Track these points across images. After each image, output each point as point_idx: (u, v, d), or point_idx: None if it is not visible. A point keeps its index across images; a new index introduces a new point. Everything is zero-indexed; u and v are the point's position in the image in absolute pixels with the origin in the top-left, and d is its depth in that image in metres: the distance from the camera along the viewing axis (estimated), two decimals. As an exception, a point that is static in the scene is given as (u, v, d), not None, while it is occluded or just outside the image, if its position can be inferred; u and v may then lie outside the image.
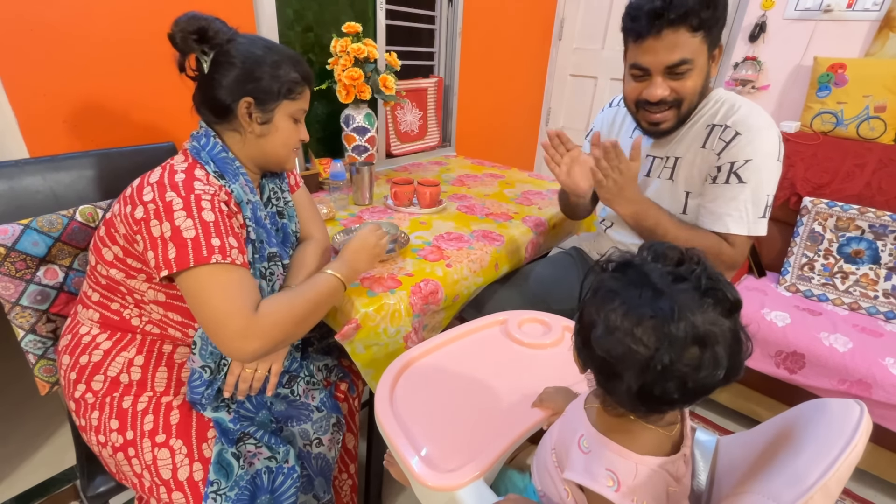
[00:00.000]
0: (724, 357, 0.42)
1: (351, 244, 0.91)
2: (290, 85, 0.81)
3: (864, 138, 1.70)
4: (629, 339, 0.44)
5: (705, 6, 0.84)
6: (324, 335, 1.08)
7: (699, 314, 0.42)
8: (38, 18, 1.04)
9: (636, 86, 0.96)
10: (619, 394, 0.46)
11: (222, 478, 0.74)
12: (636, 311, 0.44)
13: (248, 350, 0.70)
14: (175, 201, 0.70)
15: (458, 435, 0.64)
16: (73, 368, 0.80)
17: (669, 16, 0.84)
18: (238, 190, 0.78)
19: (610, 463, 0.48)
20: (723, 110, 0.97)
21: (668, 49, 0.88)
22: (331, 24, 1.64)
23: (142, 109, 1.25)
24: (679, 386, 0.43)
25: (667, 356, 0.42)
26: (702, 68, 0.91)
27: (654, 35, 0.87)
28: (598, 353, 0.46)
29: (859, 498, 1.35)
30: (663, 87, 0.92)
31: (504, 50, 2.39)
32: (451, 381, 0.74)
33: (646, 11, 0.86)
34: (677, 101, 0.94)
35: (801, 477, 0.43)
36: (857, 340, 1.32)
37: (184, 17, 0.74)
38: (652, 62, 0.90)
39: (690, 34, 0.86)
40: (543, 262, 1.31)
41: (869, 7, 1.80)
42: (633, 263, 0.48)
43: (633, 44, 0.92)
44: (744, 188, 0.93)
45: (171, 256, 0.68)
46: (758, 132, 0.92)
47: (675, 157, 1.04)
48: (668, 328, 0.42)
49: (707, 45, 0.89)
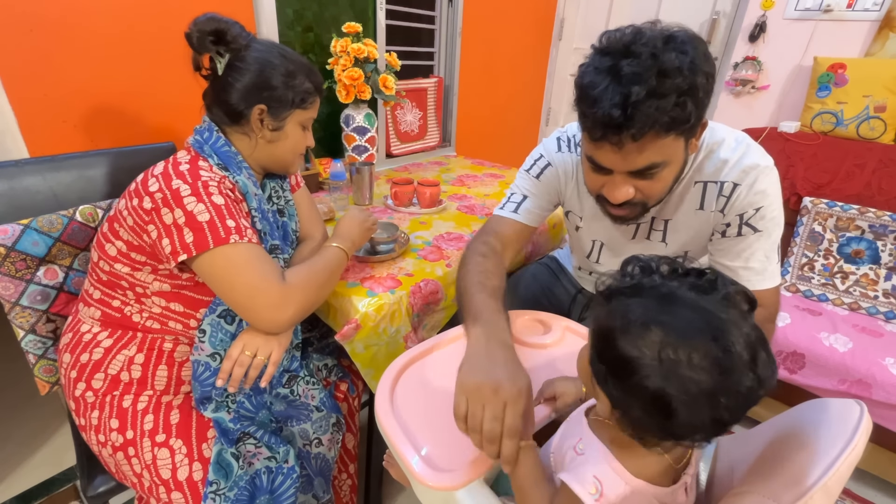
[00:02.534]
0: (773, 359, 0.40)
1: (342, 222, 0.95)
2: (304, 95, 0.83)
3: (864, 138, 1.70)
4: (688, 370, 0.39)
5: (679, 108, 0.62)
6: (324, 335, 1.08)
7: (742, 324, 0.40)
8: (38, 18, 1.04)
9: (596, 178, 0.76)
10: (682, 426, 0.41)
11: (221, 478, 0.74)
12: (686, 338, 0.40)
13: (284, 318, 0.74)
14: (182, 188, 0.71)
15: (458, 435, 0.64)
16: (73, 367, 0.80)
17: (630, 131, 0.63)
18: (242, 181, 0.80)
19: (600, 472, 0.47)
20: (708, 162, 0.82)
21: (632, 157, 0.68)
22: (331, 24, 1.64)
23: (142, 109, 1.25)
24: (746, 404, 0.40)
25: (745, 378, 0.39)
26: (677, 163, 0.73)
27: (612, 144, 0.67)
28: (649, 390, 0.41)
29: (859, 498, 1.35)
30: (627, 187, 0.73)
31: (504, 50, 2.39)
32: (452, 380, 0.74)
33: (600, 121, 0.64)
34: (643, 202, 0.77)
35: (801, 477, 0.43)
36: (857, 340, 1.32)
37: (203, 17, 0.76)
38: (612, 164, 0.71)
39: (661, 136, 0.65)
40: (528, 276, 1.20)
41: (869, 7, 1.80)
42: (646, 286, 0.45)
43: (587, 137, 0.71)
44: (759, 237, 0.80)
45: (189, 241, 0.69)
46: (756, 175, 0.78)
47: (663, 220, 0.90)
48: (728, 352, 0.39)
49: (684, 138, 0.70)
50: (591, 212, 0.95)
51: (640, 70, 0.61)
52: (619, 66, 0.62)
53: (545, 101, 2.87)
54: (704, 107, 0.67)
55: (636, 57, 0.62)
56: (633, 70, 0.61)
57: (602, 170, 0.74)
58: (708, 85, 0.65)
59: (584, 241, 1.03)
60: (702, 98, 0.65)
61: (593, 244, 1.02)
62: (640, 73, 0.61)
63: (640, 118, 0.62)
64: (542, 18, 2.58)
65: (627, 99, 0.61)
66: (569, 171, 0.95)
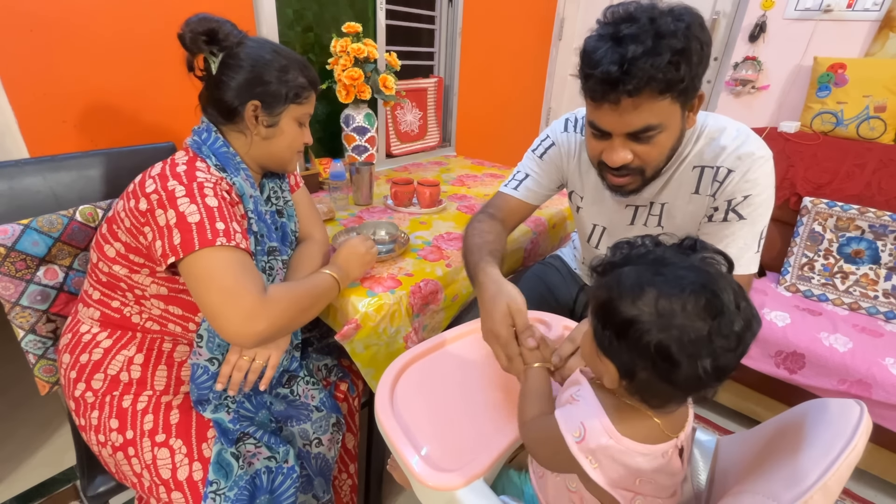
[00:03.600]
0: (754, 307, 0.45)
1: (341, 252, 0.93)
2: (298, 90, 0.82)
3: (864, 138, 1.70)
4: (685, 319, 0.43)
5: (674, 67, 0.66)
6: (324, 335, 1.08)
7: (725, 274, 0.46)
8: (38, 18, 1.04)
9: (596, 144, 0.81)
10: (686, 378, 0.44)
11: (221, 478, 0.74)
12: (679, 289, 0.43)
13: (254, 331, 0.69)
14: (178, 189, 0.70)
15: (458, 435, 0.64)
16: (73, 367, 0.80)
17: (627, 86, 0.67)
18: (240, 182, 0.79)
19: (589, 422, 0.49)
20: (708, 148, 0.85)
21: (630, 116, 0.72)
22: (331, 24, 1.64)
23: (142, 109, 1.25)
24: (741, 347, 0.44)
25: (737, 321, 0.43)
26: (673, 129, 0.76)
27: (610, 102, 0.71)
28: (653, 345, 0.43)
29: (859, 498, 1.35)
30: (625, 151, 0.77)
31: (504, 50, 2.39)
32: (452, 380, 0.74)
33: (598, 78, 0.69)
34: (640, 167, 0.80)
35: (801, 477, 0.43)
36: (857, 340, 1.32)
37: (194, 18, 0.76)
38: (611, 126, 0.75)
39: (656, 98, 0.69)
40: (530, 275, 1.20)
41: (869, 7, 1.80)
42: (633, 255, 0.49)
43: (589, 102, 0.76)
44: (742, 225, 0.83)
45: (177, 242, 0.68)
46: (751, 163, 0.81)
47: (661, 204, 0.93)
48: (720, 295, 0.43)
49: (680, 103, 0.73)
50: (592, 194, 1.00)
51: (637, 32, 0.66)
52: (619, 29, 0.68)
53: (545, 101, 2.87)
54: (699, 75, 0.71)
55: (635, 21, 0.67)
56: (631, 32, 0.66)
57: (602, 134, 0.78)
58: (702, 53, 0.69)
59: (585, 223, 1.06)
60: (696, 63, 0.68)
61: (594, 228, 1.05)
62: (637, 35, 0.66)
63: (637, 73, 0.66)
64: (542, 18, 2.58)
65: (624, 57, 0.66)
66: (572, 151, 1.00)
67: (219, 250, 0.69)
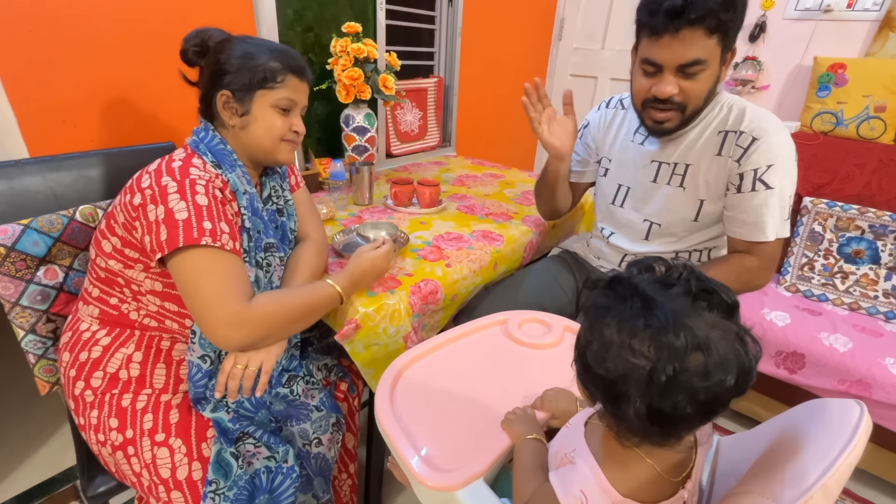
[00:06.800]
0: (732, 361, 0.40)
1: (362, 264, 0.90)
2: (266, 73, 0.79)
3: (864, 138, 1.70)
4: (627, 353, 0.41)
5: (725, 8, 0.82)
6: (323, 335, 1.08)
7: (695, 318, 0.40)
8: (38, 18, 1.04)
9: (646, 82, 0.94)
10: (629, 418, 0.43)
11: (221, 477, 0.74)
12: (629, 323, 0.42)
13: (234, 338, 0.71)
14: (170, 185, 0.71)
15: (458, 435, 0.64)
16: (72, 365, 0.80)
17: (689, 15, 0.82)
18: (234, 179, 0.80)
19: (587, 487, 0.47)
20: (732, 115, 0.96)
21: (684, 47, 0.86)
22: (331, 24, 1.63)
23: (142, 109, 1.25)
24: (689, 398, 0.40)
25: (669, 366, 0.39)
26: (713, 70, 0.90)
27: (670, 32, 0.85)
28: (599, 373, 0.43)
29: (859, 498, 1.35)
30: (673, 84, 0.90)
31: (504, 50, 2.39)
32: (452, 381, 0.74)
33: (665, 9, 0.83)
34: (683, 103, 0.93)
35: (801, 477, 0.43)
36: (857, 340, 1.32)
37: (191, 33, 0.80)
38: (665, 58, 0.88)
39: (707, 35, 0.84)
40: (534, 271, 1.25)
41: (869, 7, 1.80)
42: (621, 278, 0.46)
43: (648, 39, 0.90)
44: (771, 193, 0.92)
45: (163, 238, 0.69)
46: (775, 135, 0.92)
47: (685, 164, 1.02)
48: (665, 336, 0.40)
49: (721, 47, 0.87)
50: (619, 155, 1.15)
51: None
52: None
53: (545, 101, 2.87)
54: (738, 27, 0.88)
55: None
56: None
57: (655, 70, 0.91)
58: (743, 10, 0.87)
59: (609, 186, 1.17)
60: (739, 12, 0.86)
61: (618, 189, 1.15)
62: None
63: (698, 5, 0.81)
64: (542, 18, 2.58)
65: None
66: (603, 122, 1.19)
67: (204, 252, 0.70)
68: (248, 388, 0.81)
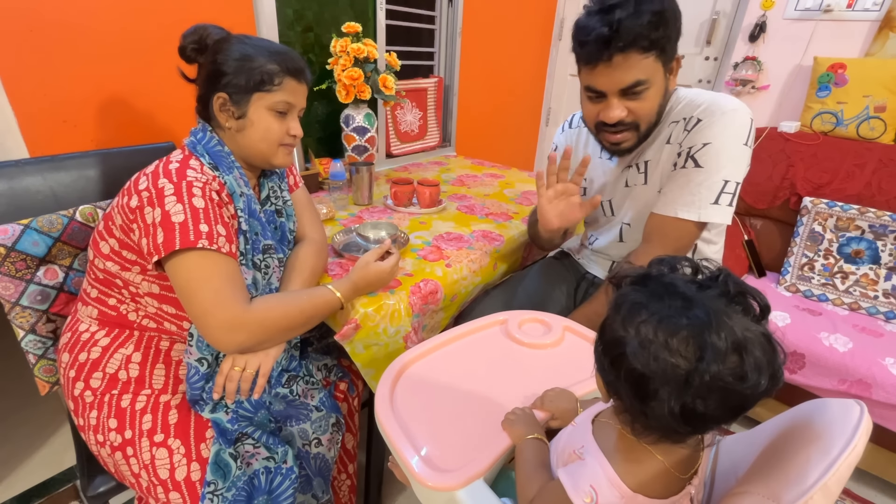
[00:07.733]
0: (765, 364, 0.40)
1: (368, 276, 0.88)
2: (263, 76, 0.78)
3: (864, 138, 1.70)
4: (666, 353, 0.40)
5: (654, 27, 0.80)
6: (323, 335, 1.08)
7: (734, 319, 0.40)
8: (38, 18, 1.04)
9: (593, 107, 0.93)
10: (657, 416, 0.42)
11: (219, 478, 0.74)
12: (670, 322, 0.41)
13: (232, 341, 0.72)
14: (167, 187, 0.71)
15: (458, 435, 0.64)
16: (72, 366, 0.80)
17: (618, 43, 0.80)
18: (231, 181, 0.79)
19: (597, 482, 0.47)
20: (687, 107, 0.94)
21: (621, 73, 0.84)
22: (331, 24, 1.63)
23: (142, 109, 1.25)
24: (723, 399, 0.40)
25: (713, 366, 0.39)
26: (659, 86, 0.88)
27: (604, 61, 0.84)
28: (632, 371, 0.42)
29: (859, 498, 1.34)
30: (620, 108, 0.89)
31: (504, 50, 2.39)
32: (452, 381, 0.74)
33: (593, 39, 0.82)
34: (635, 122, 0.91)
35: (801, 477, 0.43)
36: (857, 340, 1.32)
37: (189, 30, 0.79)
38: (605, 85, 0.87)
39: (643, 55, 0.83)
40: (532, 273, 1.24)
41: (869, 7, 1.80)
42: (653, 275, 0.46)
43: (584, 67, 0.89)
44: (699, 172, 0.89)
45: (160, 241, 0.69)
46: (721, 116, 0.88)
47: (644, 161, 1.01)
48: (707, 336, 0.39)
49: (662, 62, 0.86)
50: (592, 175, 1.13)
51: (621, 1, 0.80)
52: (605, 2, 0.82)
53: (545, 101, 2.87)
54: (675, 38, 0.85)
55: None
56: (615, 2, 0.81)
57: (598, 96, 0.90)
58: (676, 17, 0.84)
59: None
60: (671, 25, 0.83)
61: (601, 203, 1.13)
62: (620, 2, 0.80)
63: (625, 31, 0.80)
64: (542, 18, 2.58)
65: (612, 20, 0.80)
66: (570, 144, 1.14)
67: (201, 255, 0.70)
68: (246, 390, 0.81)
